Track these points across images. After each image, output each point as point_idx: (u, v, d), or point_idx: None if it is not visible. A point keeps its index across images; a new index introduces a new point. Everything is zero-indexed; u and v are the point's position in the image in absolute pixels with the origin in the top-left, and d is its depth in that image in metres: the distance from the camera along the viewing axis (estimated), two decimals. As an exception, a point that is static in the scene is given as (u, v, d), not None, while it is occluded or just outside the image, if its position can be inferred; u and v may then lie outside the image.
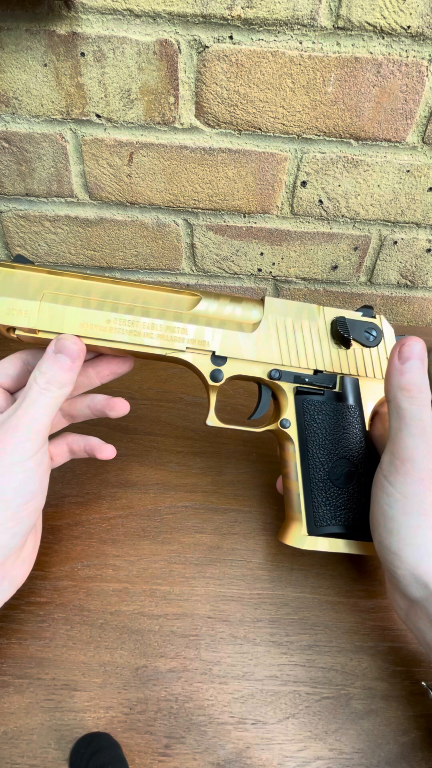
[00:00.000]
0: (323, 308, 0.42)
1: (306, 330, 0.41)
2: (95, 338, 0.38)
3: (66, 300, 0.38)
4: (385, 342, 0.42)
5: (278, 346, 0.41)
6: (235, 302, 0.41)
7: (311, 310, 0.42)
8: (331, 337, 0.42)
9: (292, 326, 0.41)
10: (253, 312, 0.41)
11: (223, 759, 0.35)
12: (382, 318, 0.43)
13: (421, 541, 0.33)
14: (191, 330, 0.39)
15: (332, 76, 0.50)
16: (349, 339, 0.41)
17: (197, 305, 0.40)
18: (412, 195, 0.59)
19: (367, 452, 0.41)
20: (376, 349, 0.42)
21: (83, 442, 0.42)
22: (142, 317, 0.39)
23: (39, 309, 0.38)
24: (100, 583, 0.43)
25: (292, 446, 0.41)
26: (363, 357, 0.42)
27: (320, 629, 0.41)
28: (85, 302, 0.38)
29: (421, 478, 0.33)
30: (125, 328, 0.38)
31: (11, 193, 0.60)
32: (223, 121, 0.54)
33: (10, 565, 0.35)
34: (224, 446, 0.54)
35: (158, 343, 0.39)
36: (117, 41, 0.49)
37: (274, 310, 0.41)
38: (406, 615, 0.35)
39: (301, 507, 0.40)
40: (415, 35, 0.48)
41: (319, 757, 0.35)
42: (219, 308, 0.40)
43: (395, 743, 0.36)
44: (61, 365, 0.36)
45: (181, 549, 0.45)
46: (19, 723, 0.36)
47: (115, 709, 0.37)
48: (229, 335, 0.40)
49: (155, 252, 0.66)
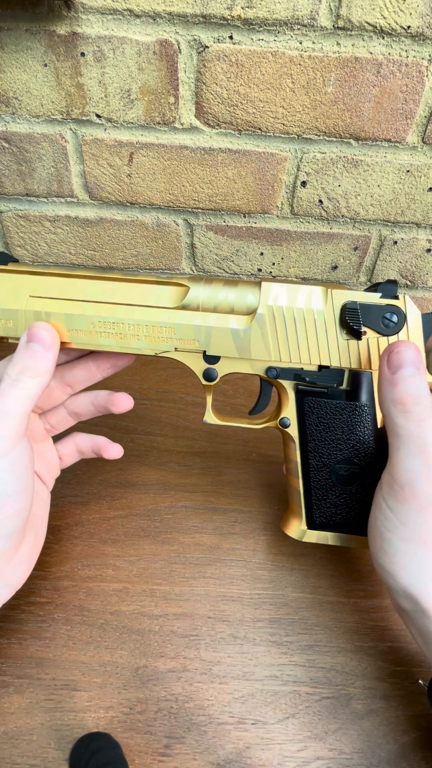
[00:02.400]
0: (331, 291, 0.35)
1: (309, 319, 0.36)
2: (83, 344, 0.37)
3: (49, 306, 0.36)
4: (409, 327, 0.35)
5: (276, 341, 0.36)
6: (229, 286, 0.36)
7: (317, 293, 0.36)
8: (340, 326, 0.36)
9: (293, 315, 0.36)
10: (248, 297, 0.36)
11: (223, 759, 0.35)
12: (406, 298, 0.36)
13: (417, 567, 0.31)
14: (179, 328, 0.36)
15: (332, 76, 0.50)
16: (359, 331, 0.35)
17: (185, 297, 0.36)
18: (412, 195, 0.59)
19: (377, 452, 0.38)
20: (396, 336, 0.35)
21: (91, 442, 0.42)
22: (127, 318, 0.36)
23: (25, 317, 0.36)
24: (100, 583, 0.43)
25: (293, 444, 0.39)
26: (380, 348, 0.36)
27: (320, 629, 0.41)
28: (67, 306, 0.36)
29: (421, 506, 0.31)
30: (111, 331, 0.36)
31: (11, 193, 0.60)
32: (223, 121, 0.54)
33: (3, 567, 0.34)
34: (224, 446, 0.54)
35: (145, 345, 0.37)
36: (117, 41, 0.49)
37: (272, 296, 0.36)
38: (400, 614, 0.35)
39: (302, 503, 0.40)
40: (415, 35, 0.48)
41: (319, 757, 0.35)
42: (210, 296, 0.36)
43: (395, 743, 0.36)
44: (33, 353, 0.34)
45: (181, 549, 0.45)
46: (19, 723, 0.36)
47: (115, 709, 0.37)
48: (221, 332, 0.36)
49: (155, 252, 0.66)
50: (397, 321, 0.35)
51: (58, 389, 0.41)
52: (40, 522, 0.39)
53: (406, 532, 0.31)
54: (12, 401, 0.32)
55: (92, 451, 0.42)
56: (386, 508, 0.32)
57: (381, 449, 0.38)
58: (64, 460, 0.43)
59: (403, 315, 0.35)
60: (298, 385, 0.38)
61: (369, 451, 0.38)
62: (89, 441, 0.42)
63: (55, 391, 0.41)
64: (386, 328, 0.35)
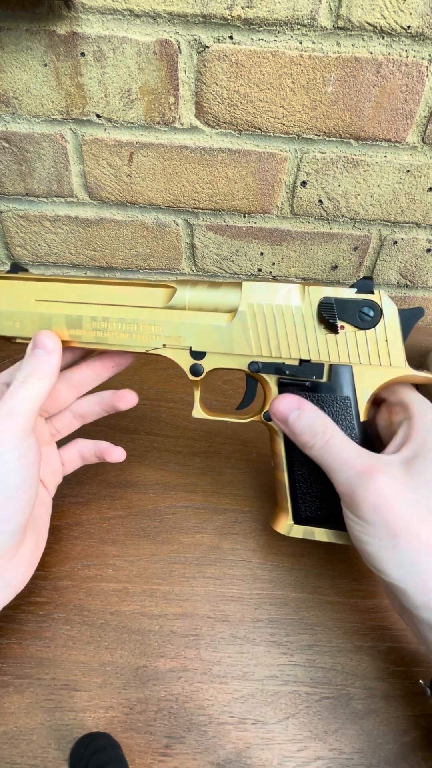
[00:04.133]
0: (308, 288, 0.37)
1: (288, 315, 0.37)
2: (83, 343, 0.40)
3: (52, 308, 0.39)
4: (385, 321, 0.37)
5: (257, 336, 0.38)
6: (213, 288, 0.39)
7: (294, 291, 0.37)
8: (318, 321, 0.37)
9: (272, 312, 0.38)
10: (230, 297, 0.38)
11: (223, 759, 0.35)
12: (381, 293, 0.37)
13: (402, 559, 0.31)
14: (166, 326, 0.39)
15: (332, 76, 0.50)
16: (335, 324, 0.37)
17: (172, 298, 0.39)
18: (412, 195, 0.59)
19: (361, 445, 0.38)
20: (373, 330, 0.37)
21: (93, 447, 0.44)
22: (119, 317, 0.39)
23: (31, 319, 0.40)
24: (100, 583, 0.43)
25: (278, 438, 0.40)
26: (357, 341, 0.37)
27: (320, 629, 0.41)
28: (67, 308, 0.39)
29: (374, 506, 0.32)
30: (106, 330, 0.40)
31: (11, 193, 0.60)
32: (223, 121, 0.54)
33: (4, 567, 0.34)
34: (224, 446, 0.54)
35: (137, 342, 0.40)
36: (117, 41, 0.49)
37: (252, 295, 0.38)
38: (400, 614, 0.36)
39: (287, 497, 0.41)
40: (415, 35, 0.48)
41: (319, 757, 0.35)
42: (195, 297, 0.39)
43: (395, 743, 0.36)
44: (38, 358, 0.37)
45: (181, 549, 0.45)
46: (19, 723, 0.36)
47: (115, 709, 0.37)
48: (205, 329, 0.39)
49: (155, 252, 0.66)
50: (374, 315, 0.37)
51: (65, 392, 0.42)
52: (42, 525, 0.39)
53: (374, 530, 0.32)
54: (20, 401, 0.35)
55: (95, 456, 0.44)
56: (350, 515, 0.34)
57: (365, 441, 0.38)
58: (67, 466, 0.44)
59: (380, 309, 0.37)
60: (280, 379, 0.39)
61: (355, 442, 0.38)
62: (92, 446, 0.44)
63: (62, 393, 0.42)
64: (363, 322, 0.37)
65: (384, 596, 0.43)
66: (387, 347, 0.37)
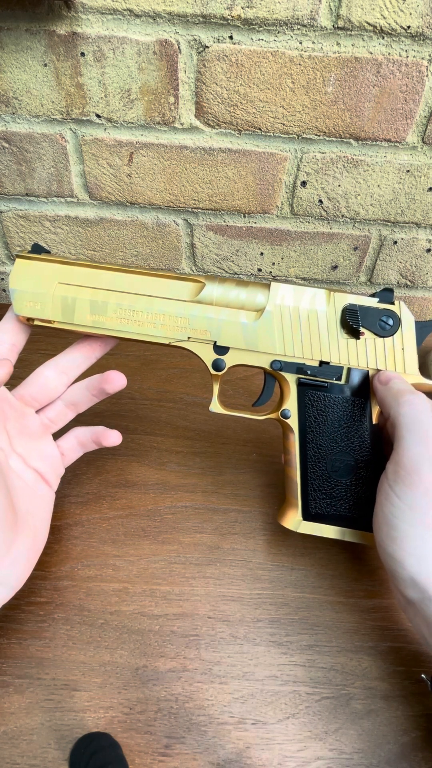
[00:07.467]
0: (334, 294, 0.39)
1: (313, 318, 0.39)
2: (104, 329, 0.40)
3: (76, 292, 0.39)
4: (403, 331, 0.39)
5: (282, 336, 0.39)
6: (241, 286, 0.40)
7: (320, 296, 0.39)
8: (340, 326, 0.39)
9: (298, 314, 0.39)
10: (258, 297, 0.40)
11: (223, 759, 0.35)
12: (401, 304, 0.39)
13: (422, 552, 0.33)
14: (193, 320, 0.40)
15: (332, 76, 0.50)
16: (358, 330, 0.38)
17: (201, 292, 0.39)
18: (412, 195, 0.59)
19: (372, 447, 0.40)
20: (391, 339, 0.39)
21: (90, 432, 0.43)
22: (146, 308, 0.39)
23: (53, 301, 0.39)
24: (100, 583, 0.43)
25: (293, 436, 0.41)
26: (375, 348, 0.39)
27: (320, 629, 0.41)
28: (93, 293, 0.39)
29: (426, 490, 0.33)
30: (131, 318, 0.40)
31: (11, 193, 0.60)
32: (223, 121, 0.54)
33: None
34: (224, 446, 0.54)
35: (162, 333, 0.40)
36: (117, 41, 0.49)
37: (280, 296, 0.39)
38: (404, 608, 0.36)
39: (298, 493, 0.41)
40: (415, 35, 0.48)
41: (319, 757, 0.35)
42: (223, 293, 0.40)
43: (395, 743, 0.36)
44: None
45: (181, 549, 0.45)
46: (19, 723, 0.36)
47: (115, 709, 0.37)
48: (231, 325, 0.39)
49: (155, 252, 0.66)
50: (393, 324, 0.39)
51: (55, 378, 0.41)
52: (39, 523, 0.39)
53: (414, 516, 0.33)
54: None
55: (92, 441, 0.43)
56: (393, 495, 0.34)
57: (376, 444, 0.40)
58: (67, 455, 0.43)
59: (398, 319, 0.39)
60: (300, 378, 0.40)
61: (364, 445, 0.40)
62: (88, 432, 0.43)
63: (52, 380, 0.41)
64: (383, 330, 0.39)
65: (384, 596, 0.43)
66: (403, 355, 0.39)
